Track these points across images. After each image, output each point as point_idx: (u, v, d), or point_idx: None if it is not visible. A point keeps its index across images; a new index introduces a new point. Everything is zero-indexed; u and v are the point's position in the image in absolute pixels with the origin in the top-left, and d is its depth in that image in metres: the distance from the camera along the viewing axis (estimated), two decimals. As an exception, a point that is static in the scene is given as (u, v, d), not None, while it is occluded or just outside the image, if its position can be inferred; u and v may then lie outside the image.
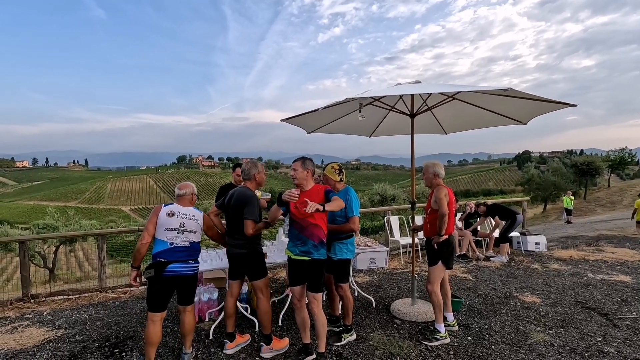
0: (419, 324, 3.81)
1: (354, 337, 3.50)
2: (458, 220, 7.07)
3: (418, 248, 6.48)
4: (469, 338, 3.51)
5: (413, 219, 4.32)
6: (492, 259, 6.52)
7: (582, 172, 30.90)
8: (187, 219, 3.03)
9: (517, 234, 7.33)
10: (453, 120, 4.72)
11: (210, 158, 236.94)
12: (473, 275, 5.61)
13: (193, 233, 3.05)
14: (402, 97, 4.23)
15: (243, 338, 3.39)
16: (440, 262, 3.49)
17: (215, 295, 4.15)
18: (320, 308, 3.00)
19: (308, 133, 4.80)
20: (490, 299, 4.54)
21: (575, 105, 3.29)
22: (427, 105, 4.19)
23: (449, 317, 3.68)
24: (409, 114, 4.17)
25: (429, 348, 3.31)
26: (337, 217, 3.36)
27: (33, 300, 4.95)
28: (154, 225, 2.97)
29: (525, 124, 4.19)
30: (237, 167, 4.37)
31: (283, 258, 3.94)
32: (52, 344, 3.60)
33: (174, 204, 3.10)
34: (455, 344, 3.39)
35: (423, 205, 4.50)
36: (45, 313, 4.49)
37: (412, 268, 4.19)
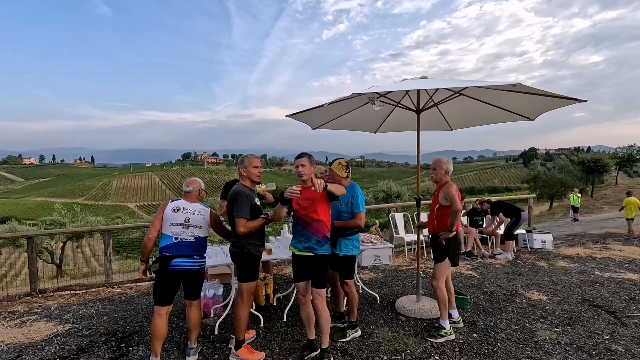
0: (424, 321, 3.80)
1: (359, 333, 3.50)
2: (462, 217, 7.03)
3: (423, 245, 6.45)
4: (475, 335, 3.49)
5: (419, 216, 4.30)
6: (497, 257, 6.49)
7: (589, 169, 30.58)
8: (192, 215, 3.05)
9: (523, 232, 7.28)
10: (459, 116, 4.68)
11: (215, 155, 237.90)
12: (478, 273, 5.58)
13: (198, 228, 3.06)
14: (408, 92, 4.20)
15: (248, 334, 3.40)
16: (447, 258, 3.47)
17: (221, 291, 4.17)
18: (325, 304, 2.99)
19: (313, 129, 4.79)
20: (496, 297, 4.51)
21: (585, 101, 3.24)
22: (433, 101, 4.15)
23: (454, 314, 3.67)
24: (415, 110, 4.14)
25: (434, 345, 3.30)
26: (343, 213, 3.36)
27: (41, 295, 5.01)
28: (160, 221, 3.01)
29: (533, 120, 4.14)
30: None
31: (288, 254, 3.94)
32: (59, 338, 3.64)
33: (181, 200, 3.13)
34: (461, 341, 3.37)
35: (429, 202, 4.47)
36: (53, 308, 4.54)
37: (417, 265, 4.18)
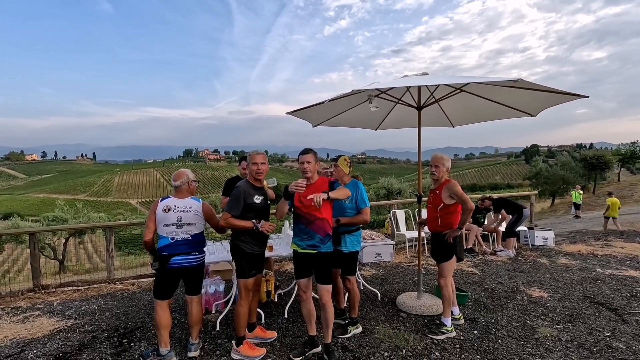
0: (425, 318, 3.81)
1: (360, 329, 3.51)
2: None
3: (424, 242, 6.45)
4: (475, 332, 3.50)
5: (420, 213, 4.29)
6: (498, 253, 6.48)
7: (591, 166, 30.46)
8: (184, 212, 2.99)
9: (524, 229, 7.27)
10: (461, 113, 4.66)
11: (217, 152, 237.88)
12: (479, 270, 5.58)
13: (192, 225, 3.03)
14: (409, 89, 4.18)
15: (266, 334, 3.39)
16: (455, 256, 3.47)
17: (222, 288, 4.18)
18: (330, 299, 3.00)
19: (314, 126, 4.77)
20: (497, 293, 4.51)
21: (587, 97, 3.22)
22: (434, 98, 4.14)
23: (455, 310, 3.67)
24: (416, 107, 4.12)
25: (435, 341, 3.31)
26: (347, 209, 3.37)
27: (43, 291, 5.04)
28: (154, 222, 2.98)
29: (535, 116, 4.12)
30: (242, 160, 4.36)
31: (289, 251, 3.95)
32: (62, 334, 3.66)
33: (170, 198, 3.05)
34: (462, 338, 3.38)
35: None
36: (56, 303, 4.56)
37: (418, 262, 4.18)
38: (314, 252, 2.94)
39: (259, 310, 3.82)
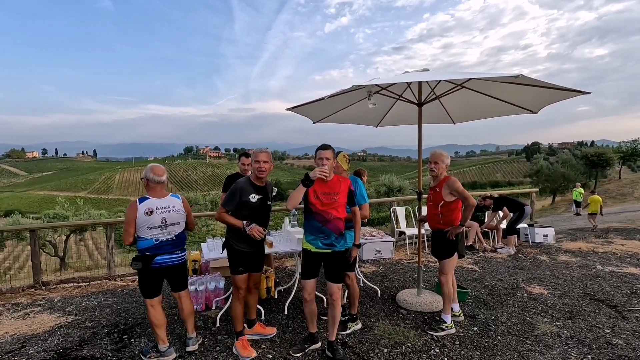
0: (425, 314, 3.81)
1: (360, 326, 3.52)
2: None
3: (424, 239, 6.45)
4: (475, 328, 3.50)
5: (420, 210, 4.28)
6: (499, 251, 6.48)
7: (592, 163, 30.40)
8: (167, 213, 2.86)
9: (525, 226, 7.26)
10: (461, 110, 4.64)
11: (217, 149, 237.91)
12: (479, 267, 5.58)
13: (177, 225, 2.94)
14: (409, 85, 4.16)
15: (266, 330, 3.40)
16: (456, 253, 3.47)
17: (222, 284, 4.19)
18: (340, 298, 2.99)
19: (314, 123, 4.76)
20: (497, 290, 4.51)
21: (589, 93, 3.21)
22: (435, 94, 4.12)
23: (455, 307, 3.67)
24: (417, 103, 4.10)
25: (435, 338, 3.31)
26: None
27: (44, 288, 5.05)
28: (134, 226, 2.79)
29: (536, 113, 4.11)
30: (243, 156, 4.35)
31: (289, 248, 3.95)
32: (62, 330, 3.67)
33: (149, 199, 2.85)
34: (461, 334, 3.38)
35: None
36: (56, 300, 4.57)
37: (418, 258, 4.17)
38: (330, 251, 2.89)
39: (259, 307, 3.82)
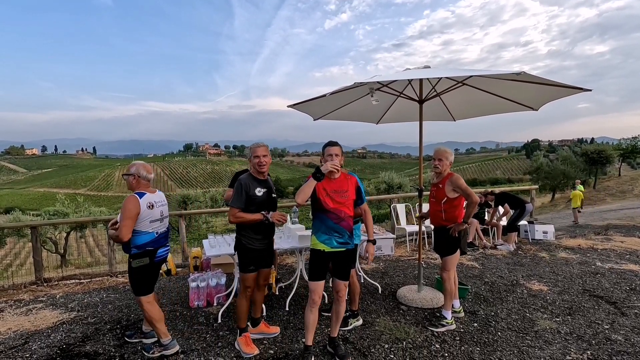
0: (425, 310, 3.83)
1: (360, 322, 3.54)
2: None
3: (425, 235, 6.47)
4: (475, 324, 3.52)
5: (420, 207, 4.30)
6: (499, 247, 6.50)
7: (592, 160, 30.41)
8: (162, 206, 3.08)
9: (524, 223, 7.28)
10: (462, 107, 4.64)
11: (217, 146, 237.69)
12: (479, 263, 5.61)
13: (167, 217, 3.18)
14: (410, 82, 4.16)
15: (269, 329, 3.40)
16: (459, 249, 3.48)
17: (223, 280, 4.21)
18: (345, 295, 2.98)
19: (315, 120, 4.76)
20: (497, 287, 4.53)
21: (590, 90, 3.20)
22: (435, 91, 4.12)
23: (455, 303, 3.69)
24: (418, 100, 4.10)
25: (435, 334, 3.34)
26: None
27: (46, 284, 5.07)
28: (135, 220, 2.85)
29: (537, 110, 4.11)
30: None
31: (290, 244, 3.96)
32: (65, 326, 3.70)
33: (147, 194, 2.95)
34: (462, 330, 3.41)
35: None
36: (58, 296, 4.60)
37: (418, 255, 4.19)
38: (344, 249, 2.87)
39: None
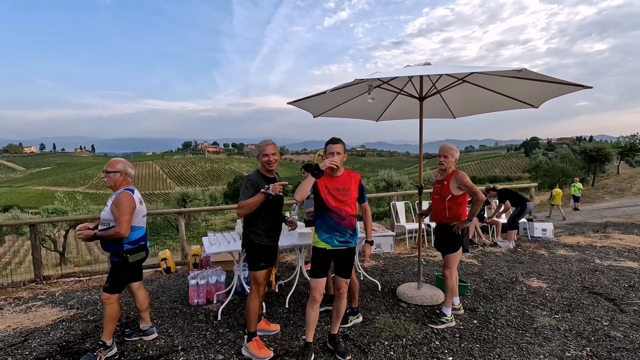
0: (425, 308, 3.84)
1: (360, 319, 3.55)
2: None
3: (424, 233, 6.47)
4: (475, 321, 3.53)
5: (420, 204, 4.29)
6: (498, 245, 6.52)
7: (591, 158, 30.44)
8: (144, 202, 3.20)
9: (524, 220, 7.29)
10: (462, 104, 4.63)
11: (216, 144, 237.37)
12: (479, 261, 5.62)
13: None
14: (411, 79, 4.15)
15: (270, 327, 3.41)
16: (461, 247, 3.48)
17: (223, 278, 4.21)
18: (346, 292, 3.00)
19: (315, 117, 4.75)
20: (496, 284, 4.55)
21: (591, 87, 3.20)
22: (436, 88, 4.11)
23: (455, 300, 3.70)
24: (418, 97, 4.10)
25: (435, 331, 3.34)
26: None
27: (45, 282, 5.06)
28: (132, 216, 2.92)
29: (537, 107, 4.10)
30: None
31: (289, 241, 3.96)
32: (64, 323, 3.69)
33: (135, 190, 3.05)
34: (461, 327, 3.41)
35: (429, 191, 4.46)
36: (58, 294, 4.59)
37: (418, 253, 4.20)
38: (345, 248, 2.88)
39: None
